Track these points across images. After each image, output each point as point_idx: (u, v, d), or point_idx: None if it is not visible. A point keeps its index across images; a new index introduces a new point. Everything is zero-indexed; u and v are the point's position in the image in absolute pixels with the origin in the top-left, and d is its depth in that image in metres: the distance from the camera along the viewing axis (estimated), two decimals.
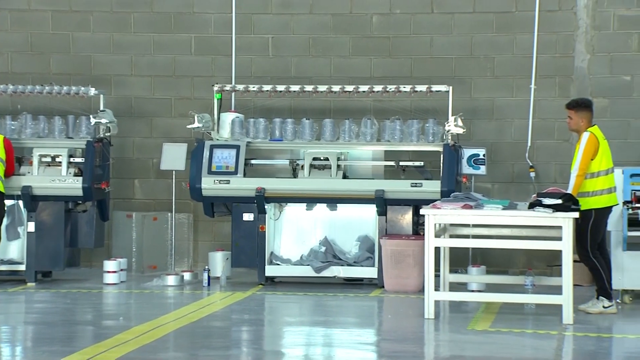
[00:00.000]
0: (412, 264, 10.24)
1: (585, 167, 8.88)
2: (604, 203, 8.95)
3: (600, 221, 8.99)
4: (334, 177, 10.71)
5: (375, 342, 8.21)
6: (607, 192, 8.97)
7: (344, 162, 10.88)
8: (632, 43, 11.39)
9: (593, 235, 8.96)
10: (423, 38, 11.87)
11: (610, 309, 8.97)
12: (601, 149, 8.95)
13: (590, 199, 8.90)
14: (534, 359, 7.39)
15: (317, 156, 10.75)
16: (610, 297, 9.00)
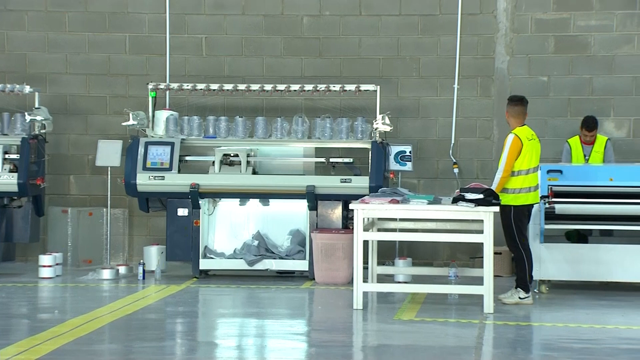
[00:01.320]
0: (341, 256, 10.29)
1: (509, 169, 9.00)
2: (521, 201, 9.08)
3: (520, 216, 9.13)
4: (266, 172, 10.70)
5: (306, 333, 8.23)
6: (527, 190, 9.10)
7: (276, 159, 10.88)
8: (549, 45, 11.60)
9: (518, 226, 9.10)
10: (352, 39, 11.92)
11: (526, 300, 9.12)
12: (524, 150, 9.06)
13: (510, 195, 9.04)
14: (456, 347, 7.46)
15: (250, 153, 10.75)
16: (527, 289, 9.14)
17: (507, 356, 7.15)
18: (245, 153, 10.64)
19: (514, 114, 9.21)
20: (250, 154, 10.71)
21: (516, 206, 9.04)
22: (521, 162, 9.03)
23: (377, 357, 7.26)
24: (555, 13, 11.56)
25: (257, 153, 10.82)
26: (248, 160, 10.67)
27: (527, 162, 9.07)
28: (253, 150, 10.78)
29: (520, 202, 9.06)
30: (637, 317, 8.66)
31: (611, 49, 11.45)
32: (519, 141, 9.03)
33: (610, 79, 11.45)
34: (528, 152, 9.08)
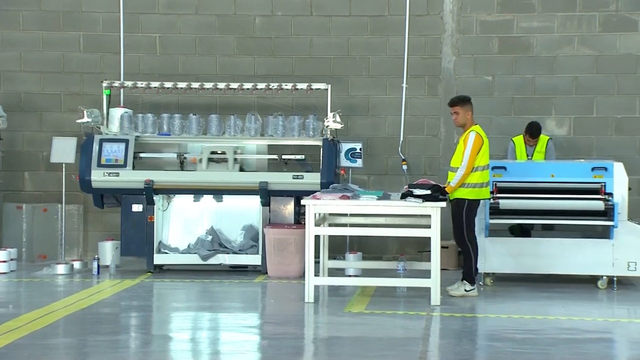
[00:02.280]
0: (293, 251, 10.30)
1: (472, 165, 9.07)
2: (475, 195, 9.18)
3: (472, 210, 9.23)
4: (220, 169, 10.68)
5: (259, 325, 8.22)
6: (480, 186, 9.19)
7: (229, 156, 10.85)
8: (493, 46, 11.72)
9: (468, 221, 9.20)
10: (303, 39, 11.93)
11: (472, 293, 9.21)
12: (483, 148, 9.16)
13: (465, 189, 9.13)
14: (404, 338, 7.51)
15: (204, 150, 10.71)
16: (473, 282, 9.24)
17: (453, 347, 7.22)
18: (232, 150, 10.58)
19: (471, 111, 9.31)
20: (237, 151, 10.66)
21: (470, 200, 9.14)
22: (480, 158, 9.14)
23: (327, 348, 7.29)
24: (499, 15, 11.68)
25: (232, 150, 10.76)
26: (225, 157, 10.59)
27: (484, 160, 9.19)
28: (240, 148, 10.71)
29: (474, 196, 9.17)
30: (577, 308, 8.79)
31: (552, 49, 11.60)
32: (481, 138, 9.14)
33: (551, 79, 11.60)
34: (485, 150, 9.20)
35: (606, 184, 9.74)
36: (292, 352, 7.00)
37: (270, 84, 11.05)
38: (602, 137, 11.48)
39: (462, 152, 9.10)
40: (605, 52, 11.49)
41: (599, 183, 9.76)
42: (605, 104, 11.50)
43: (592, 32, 11.52)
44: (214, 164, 10.72)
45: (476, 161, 9.09)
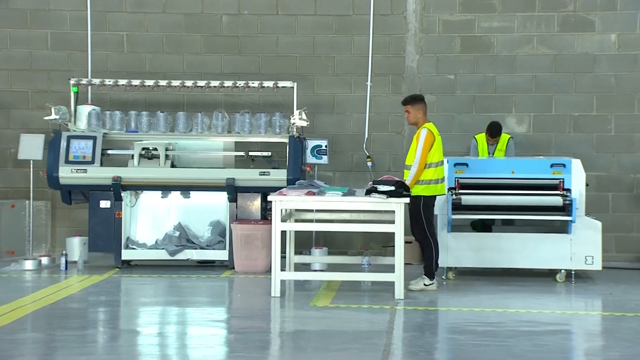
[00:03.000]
0: (260, 246, 10.28)
1: (424, 162, 9.10)
2: (431, 192, 9.21)
3: (429, 206, 9.26)
4: (187, 166, 10.63)
5: (226, 320, 8.19)
6: (435, 182, 9.23)
7: (197, 153, 10.81)
8: (455, 45, 11.77)
9: (426, 216, 9.23)
10: (269, 37, 11.90)
11: (431, 287, 9.24)
12: (435, 144, 9.19)
13: (420, 186, 9.15)
14: (369, 332, 7.53)
15: (170, 147, 10.66)
16: (432, 276, 9.27)
17: (416, 339, 7.24)
18: (164, 147, 10.54)
19: (423, 110, 9.33)
20: (169, 147, 10.62)
21: (426, 196, 9.16)
22: (432, 155, 9.15)
23: (293, 342, 7.28)
24: (460, 15, 11.73)
25: (175, 147, 10.72)
26: (167, 153, 10.58)
27: (437, 156, 9.20)
28: (172, 144, 10.69)
29: (430, 192, 9.18)
30: (535, 301, 8.87)
31: (512, 49, 11.67)
32: (432, 135, 9.16)
33: (511, 77, 11.67)
34: (438, 146, 9.21)
35: (564, 180, 9.82)
36: (258, 346, 6.98)
37: (237, 82, 11.01)
38: (561, 134, 11.58)
39: (415, 150, 9.13)
40: (564, 51, 11.59)
41: (557, 179, 9.85)
42: (563, 102, 11.60)
43: (550, 32, 11.61)
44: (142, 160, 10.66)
45: (429, 157, 9.12)
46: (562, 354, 6.95)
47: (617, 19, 11.47)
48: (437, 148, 9.18)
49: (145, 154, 10.64)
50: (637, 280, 10.04)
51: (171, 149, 10.67)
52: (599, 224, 9.83)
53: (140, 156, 10.58)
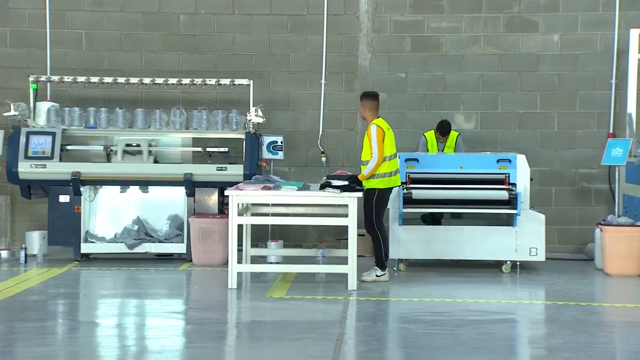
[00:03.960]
0: (217, 239, 10.24)
1: (382, 155, 9.13)
2: (386, 184, 9.26)
3: (382, 199, 9.30)
4: (146, 161, 10.56)
5: (184, 311, 8.15)
6: (389, 175, 9.28)
7: (155, 148, 10.75)
8: (406, 45, 11.82)
9: (378, 210, 9.27)
10: (226, 36, 11.85)
11: (382, 278, 9.29)
12: (387, 138, 9.23)
13: (376, 180, 9.20)
14: (323, 322, 7.54)
15: (129, 142, 10.57)
16: (383, 268, 9.32)
17: (369, 329, 7.28)
18: (146, 143, 10.44)
19: (372, 107, 9.37)
20: (151, 144, 10.53)
21: (380, 189, 9.22)
22: (385, 148, 9.21)
23: (249, 332, 7.28)
24: (411, 15, 11.79)
25: (158, 143, 10.64)
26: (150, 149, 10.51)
27: (389, 150, 9.25)
28: (155, 141, 10.60)
29: (384, 185, 9.24)
30: (482, 291, 8.96)
31: (460, 48, 11.75)
32: (382, 130, 9.21)
33: (460, 76, 11.76)
34: (389, 140, 9.27)
35: (510, 175, 9.93)
36: (215, 337, 6.96)
37: (194, 80, 10.95)
38: (506, 131, 11.70)
39: (369, 146, 9.17)
40: (509, 51, 11.70)
41: (503, 174, 9.95)
42: (509, 100, 11.72)
43: (496, 32, 11.71)
44: (139, 155, 10.58)
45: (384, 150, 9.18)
46: (507, 341, 7.03)
47: (560, 20, 11.62)
48: (388, 142, 9.23)
49: (106, 151, 10.57)
50: (578, 271, 10.20)
51: (154, 145, 10.60)
52: (542, 217, 9.96)
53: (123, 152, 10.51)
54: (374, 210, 9.22)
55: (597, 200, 11.53)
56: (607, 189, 11.37)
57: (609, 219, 10.00)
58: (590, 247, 10.80)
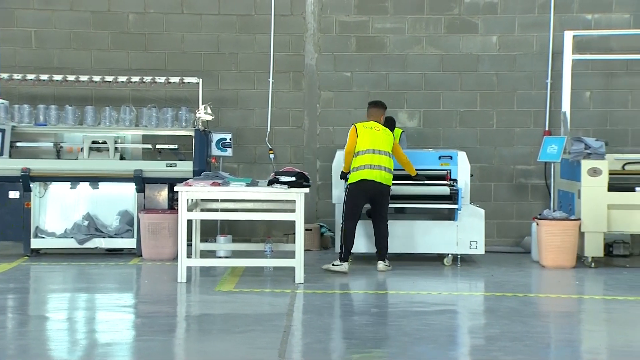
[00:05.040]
0: (167, 235, 10.15)
1: (348, 150, 9.46)
2: (355, 177, 9.42)
3: (354, 192, 9.42)
4: (96, 158, 10.42)
5: (133, 305, 8.07)
6: (356, 170, 9.42)
7: (105, 145, 10.62)
8: (351, 45, 11.85)
9: (346, 203, 9.39)
10: (175, 35, 11.75)
11: (337, 268, 9.35)
12: (359, 136, 9.45)
13: (351, 174, 9.45)
14: (270, 314, 7.53)
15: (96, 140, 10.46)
16: (342, 260, 9.37)
17: (315, 321, 7.29)
18: (112, 139, 10.31)
19: (367, 111, 9.83)
20: (117, 140, 10.40)
21: (350, 184, 9.37)
22: (358, 145, 9.41)
23: (199, 325, 7.23)
24: (356, 16, 11.82)
25: (124, 140, 10.52)
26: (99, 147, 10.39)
27: (361, 146, 9.43)
28: (120, 137, 10.48)
29: (355, 178, 9.41)
30: (425, 284, 9.03)
31: (404, 49, 11.82)
32: (354, 129, 9.50)
33: (403, 75, 11.83)
34: (363, 137, 9.43)
35: (451, 171, 10.03)
36: (165, 329, 6.91)
37: (144, 78, 10.84)
38: (448, 128, 11.80)
39: None
40: (450, 51, 11.80)
41: (445, 170, 10.04)
42: (450, 99, 11.82)
43: (438, 33, 11.81)
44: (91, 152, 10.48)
45: (357, 147, 9.40)
46: (448, 331, 7.10)
47: (498, 22, 11.75)
48: (363, 139, 9.41)
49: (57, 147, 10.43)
50: (515, 263, 10.34)
51: (119, 142, 10.47)
52: (482, 211, 10.08)
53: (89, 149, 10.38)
54: (346, 201, 9.43)
55: (534, 195, 11.71)
56: (543, 184, 11.54)
57: (544, 213, 10.16)
58: (527, 240, 10.95)
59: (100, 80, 10.81)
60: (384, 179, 9.46)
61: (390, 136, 9.63)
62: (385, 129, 9.65)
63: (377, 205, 9.54)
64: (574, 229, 9.83)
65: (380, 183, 9.44)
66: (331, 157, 10.40)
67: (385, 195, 9.53)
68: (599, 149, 10.02)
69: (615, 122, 11.62)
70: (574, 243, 9.82)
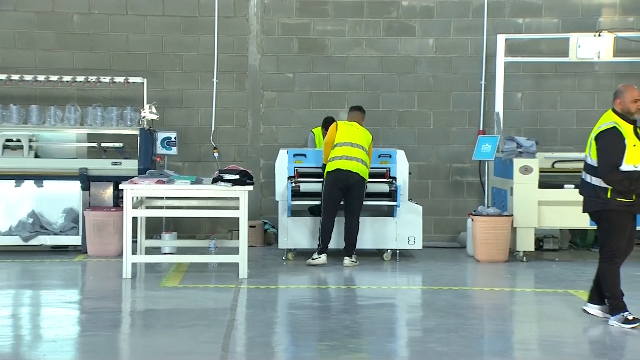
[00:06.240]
0: (112, 232, 10.02)
1: (326, 142, 9.67)
2: (329, 168, 9.56)
3: (330, 183, 9.51)
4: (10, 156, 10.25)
5: (78, 301, 7.95)
6: (332, 160, 9.55)
7: (50, 143, 10.45)
8: (293, 46, 11.84)
9: (325, 194, 9.48)
10: (120, 36, 11.59)
11: (316, 261, 9.46)
12: (338, 131, 9.62)
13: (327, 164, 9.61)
14: (214, 309, 7.50)
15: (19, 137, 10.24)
16: (320, 252, 9.47)
17: (258, 315, 7.27)
18: (27, 138, 10.11)
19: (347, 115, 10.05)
20: (32, 138, 10.21)
21: (328, 172, 9.55)
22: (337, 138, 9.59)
23: (143, 320, 7.16)
24: (297, 18, 11.82)
25: (39, 138, 10.33)
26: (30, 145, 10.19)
27: (338, 138, 9.58)
28: (35, 136, 10.28)
29: (331, 168, 9.54)
30: (365, 278, 9.07)
31: (344, 50, 11.86)
32: (335, 125, 9.74)
33: (344, 76, 11.86)
34: (342, 132, 9.61)
35: (391, 169, 10.09)
36: (109, 325, 6.82)
37: (89, 77, 10.68)
38: (387, 128, 11.87)
39: None
40: (389, 53, 11.88)
41: (384, 168, 10.10)
42: (389, 99, 11.90)
43: (377, 35, 11.87)
44: (34, 150, 10.28)
45: (335, 140, 9.59)
46: (387, 324, 7.15)
47: (434, 25, 11.86)
48: (341, 133, 9.59)
49: (9, 145, 10.20)
50: (451, 258, 10.45)
51: (35, 140, 10.26)
52: (420, 208, 10.17)
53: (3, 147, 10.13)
54: (323, 192, 9.52)
55: (469, 192, 11.86)
56: (477, 182, 11.69)
57: (479, 209, 10.30)
58: (463, 235, 11.09)
59: (45, 80, 10.61)
60: (360, 170, 9.56)
61: (368, 136, 9.78)
62: (365, 130, 9.82)
63: (351, 198, 9.57)
64: (506, 225, 9.98)
65: (357, 173, 9.52)
66: (274, 156, 10.38)
67: (360, 186, 9.57)
68: (530, 148, 10.19)
69: (545, 122, 11.83)
70: (506, 238, 9.97)
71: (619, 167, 6.66)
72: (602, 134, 6.76)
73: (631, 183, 6.65)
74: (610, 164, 6.67)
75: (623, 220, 6.77)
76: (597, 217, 6.90)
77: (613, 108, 6.88)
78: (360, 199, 9.59)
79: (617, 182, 6.68)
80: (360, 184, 9.55)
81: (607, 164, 6.68)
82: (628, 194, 6.70)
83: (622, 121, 6.77)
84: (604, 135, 6.74)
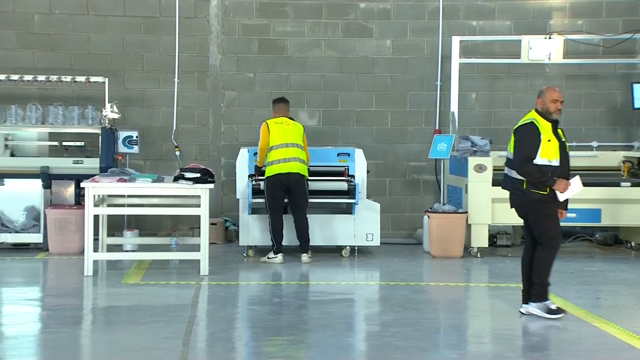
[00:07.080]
0: (74, 229, 9.92)
1: (261, 146, 9.53)
2: (270, 172, 9.47)
3: (271, 185, 9.44)
4: (1, 155, 10.09)
5: (40, 298, 7.86)
6: (270, 164, 9.45)
7: (11, 142, 10.30)
8: (254, 47, 11.81)
9: (268, 196, 9.43)
10: (81, 36, 11.47)
11: (273, 260, 9.44)
12: (272, 132, 9.48)
13: (267, 168, 9.47)
14: (176, 305, 7.46)
15: None
16: (275, 251, 9.44)
17: (219, 311, 7.26)
18: (2, 137, 9.98)
19: (273, 109, 9.79)
20: (8, 137, 10.07)
21: (267, 177, 9.42)
22: (271, 140, 9.44)
23: (105, 317, 7.10)
24: (257, 19, 11.80)
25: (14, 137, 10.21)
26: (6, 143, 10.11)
27: (274, 141, 9.46)
28: (11, 135, 10.15)
29: (270, 172, 9.44)
30: (324, 274, 9.09)
31: (304, 51, 11.86)
32: (266, 126, 9.53)
33: (303, 77, 11.87)
34: (275, 133, 9.46)
35: (349, 168, 10.13)
36: (70, 322, 6.75)
37: (50, 77, 10.56)
38: (346, 127, 11.90)
39: None
40: (347, 54, 11.91)
41: (343, 167, 10.14)
42: (348, 99, 11.93)
43: (336, 37, 11.89)
44: None
45: (271, 142, 9.45)
46: (345, 319, 7.18)
47: (391, 27, 11.92)
48: (274, 135, 9.44)
49: None
50: (408, 254, 10.52)
51: (10, 139, 10.13)
52: (377, 205, 10.22)
53: None
54: (266, 195, 9.41)
55: (425, 190, 11.94)
56: (433, 179, 11.78)
57: (435, 206, 10.38)
58: (420, 232, 11.16)
59: (6, 79, 10.47)
60: (299, 169, 9.53)
61: (300, 129, 9.71)
62: (295, 123, 9.74)
63: (294, 197, 9.57)
64: (461, 222, 10.07)
65: (297, 173, 9.50)
66: (235, 154, 10.35)
67: (301, 184, 9.55)
68: (484, 147, 10.31)
69: (498, 121, 11.96)
70: (461, 234, 10.07)
71: (532, 160, 6.80)
72: (519, 128, 6.98)
73: (542, 175, 6.79)
74: (524, 156, 6.85)
75: (549, 209, 6.86)
76: (523, 211, 7.01)
77: (535, 107, 7.03)
78: (304, 197, 9.61)
79: (528, 174, 6.84)
80: (301, 182, 9.57)
81: (521, 156, 6.86)
82: (541, 186, 6.83)
83: (541, 119, 6.94)
84: (521, 130, 6.95)
